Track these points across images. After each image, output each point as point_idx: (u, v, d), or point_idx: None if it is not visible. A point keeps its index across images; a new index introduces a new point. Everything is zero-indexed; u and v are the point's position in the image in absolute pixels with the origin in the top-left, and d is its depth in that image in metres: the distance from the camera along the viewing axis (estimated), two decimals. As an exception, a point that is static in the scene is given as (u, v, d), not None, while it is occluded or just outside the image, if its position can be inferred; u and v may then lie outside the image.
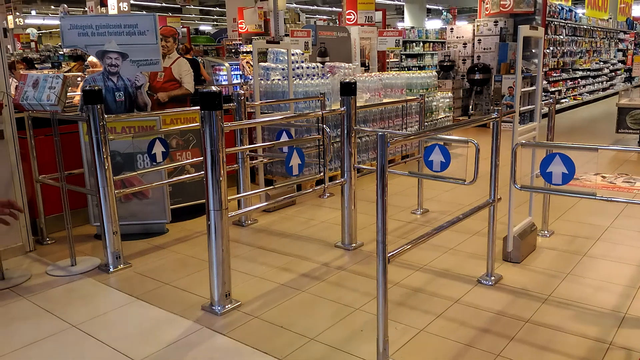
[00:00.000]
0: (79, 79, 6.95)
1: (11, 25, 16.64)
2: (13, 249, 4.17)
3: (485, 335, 2.86)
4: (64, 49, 14.73)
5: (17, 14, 17.43)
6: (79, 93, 5.43)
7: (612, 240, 4.25)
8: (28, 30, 21.01)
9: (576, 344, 2.76)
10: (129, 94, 4.50)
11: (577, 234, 4.40)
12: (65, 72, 7.35)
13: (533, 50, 9.39)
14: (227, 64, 10.73)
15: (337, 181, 4.24)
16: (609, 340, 2.79)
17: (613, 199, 3.25)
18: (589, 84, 15.33)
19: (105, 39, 4.42)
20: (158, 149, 4.08)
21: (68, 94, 4.36)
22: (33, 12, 21.71)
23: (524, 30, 3.58)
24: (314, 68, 6.50)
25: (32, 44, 20.50)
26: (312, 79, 6.22)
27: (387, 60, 11.47)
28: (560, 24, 12.81)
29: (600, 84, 16.23)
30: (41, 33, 25.08)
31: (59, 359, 2.76)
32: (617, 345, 2.74)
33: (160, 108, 5.13)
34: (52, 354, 2.81)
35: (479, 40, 11.00)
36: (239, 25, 12.46)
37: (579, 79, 14.56)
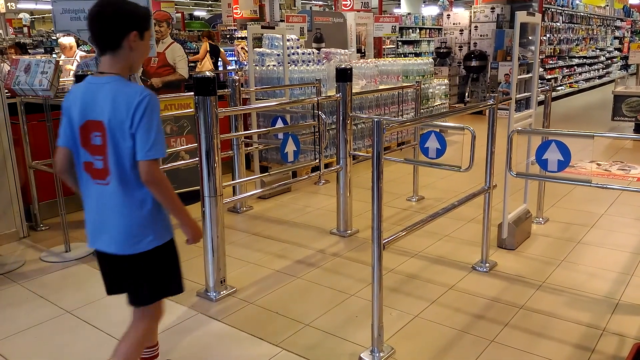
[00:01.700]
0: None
1: (3, 10, 16.41)
2: (7, 235, 4.15)
3: (479, 321, 2.88)
4: (57, 34, 14.57)
5: (9, -2, 17.19)
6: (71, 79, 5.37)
7: (607, 228, 4.27)
8: (20, 15, 20.74)
9: (570, 330, 2.78)
10: (122, 79, 4.45)
11: (572, 221, 4.41)
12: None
13: (530, 37, 9.35)
14: (221, 50, 10.66)
15: (333, 168, 4.23)
16: (602, 326, 2.80)
17: (608, 187, 3.25)
18: (585, 72, 15.31)
19: (98, 24, 4.35)
20: (152, 135, 4.04)
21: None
22: (25, -3, 21.42)
23: (521, 16, 3.56)
24: (309, 54, 6.45)
25: (25, 29, 20.26)
26: (307, 65, 6.18)
27: (383, 47, 11.41)
28: (557, 10, 12.75)
29: (596, 71, 16.21)
30: (34, 18, 24.78)
31: (53, 345, 2.76)
32: (611, 331, 2.76)
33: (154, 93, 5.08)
34: (47, 339, 2.80)
35: (476, 27, 10.94)
36: (234, 11, 12.33)
37: (575, 67, 14.54)
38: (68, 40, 7.11)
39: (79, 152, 1.92)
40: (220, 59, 10.40)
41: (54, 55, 11.49)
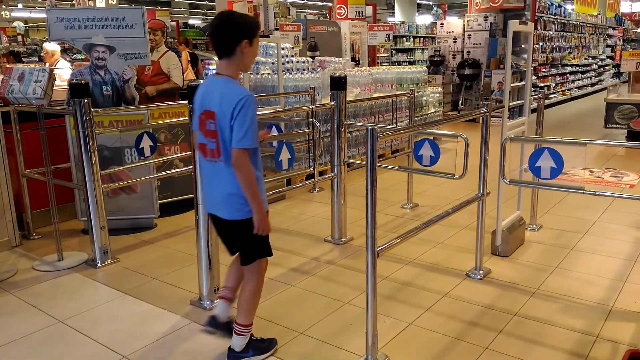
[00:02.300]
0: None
1: (-3, 18, 16.41)
2: (-1, 244, 4.12)
3: (473, 329, 2.88)
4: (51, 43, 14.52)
5: (4, 6, 17.20)
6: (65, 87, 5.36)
7: (600, 234, 4.28)
8: (15, 24, 20.74)
9: (564, 336, 2.78)
10: (116, 87, 4.45)
11: (565, 228, 4.43)
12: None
13: (522, 46, 9.42)
14: (216, 58, 10.64)
15: (327, 176, 4.23)
16: (596, 333, 2.81)
17: (601, 193, 3.28)
18: (578, 80, 15.42)
19: (92, 32, 4.36)
20: (146, 143, 4.04)
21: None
22: (20, 5, 21.43)
23: (514, 25, 3.59)
24: (304, 62, 6.47)
25: (19, 38, 20.25)
26: (302, 73, 6.20)
27: (378, 55, 11.45)
28: (550, 19, 12.86)
29: (588, 79, 16.33)
30: (28, 26, 24.77)
31: (45, 355, 2.73)
32: (604, 338, 2.76)
33: (149, 102, 5.08)
34: (39, 349, 2.78)
35: (469, 35, 11.02)
36: (229, 19, 12.35)
37: (568, 75, 14.64)
38: (52, 47, 6.90)
39: (198, 134, 2.41)
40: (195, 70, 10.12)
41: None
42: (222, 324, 2.65)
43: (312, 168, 4.09)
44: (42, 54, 7.33)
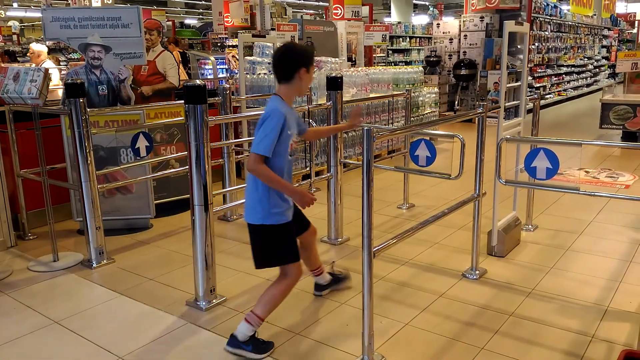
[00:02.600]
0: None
1: (-8, 17, 16.32)
2: (-6, 245, 4.10)
3: (469, 329, 2.88)
4: (46, 42, 14.47)
5: (-1, 6, 17.12)
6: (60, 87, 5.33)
7: (595, 235, 4.30)
8: (10, 23, 20.65)
9: (559, 337, 2.79)
10: (112, 87, 4.44)
11: (561, 228, 4.44)
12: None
13: (518, 46, 9.44)
14: (212, 58, 10.65)
15: (324, 176, 4.23)
16: (591, 333, 2.82)
17: (596, 194, 3.28)
18: (574, 80, 15.47)
19: (87, 32, 4.35)
20: (142, 143, 4.03)
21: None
22: (15, 5, 21.34)
23: (510, 25, 3.60)
24: (300, 62, 6.46)
25: (14, 37, 20.17)
26: (298, 73, 6.19)
27: (374, 55, 11.47)
28: (546, 20, 12.89)
29: (584, 79, 16.39)
30: (23, 26, 24.67)
31: (41, 356, 2.72)
32: (600, 338, 2.77)
33: (144, 102, 5.07)
34: (34, 350, 2.77)
35: (465, 35, 11.04)
36: (225, 19, 12.37)
37: (564, 75, 14.69)
38: (38, 47, 6.79)
39: None
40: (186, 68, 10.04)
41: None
42: (328, 283, 3.24)
43: (308, 168, 4.09)
44: (28, 54, 7.27)
